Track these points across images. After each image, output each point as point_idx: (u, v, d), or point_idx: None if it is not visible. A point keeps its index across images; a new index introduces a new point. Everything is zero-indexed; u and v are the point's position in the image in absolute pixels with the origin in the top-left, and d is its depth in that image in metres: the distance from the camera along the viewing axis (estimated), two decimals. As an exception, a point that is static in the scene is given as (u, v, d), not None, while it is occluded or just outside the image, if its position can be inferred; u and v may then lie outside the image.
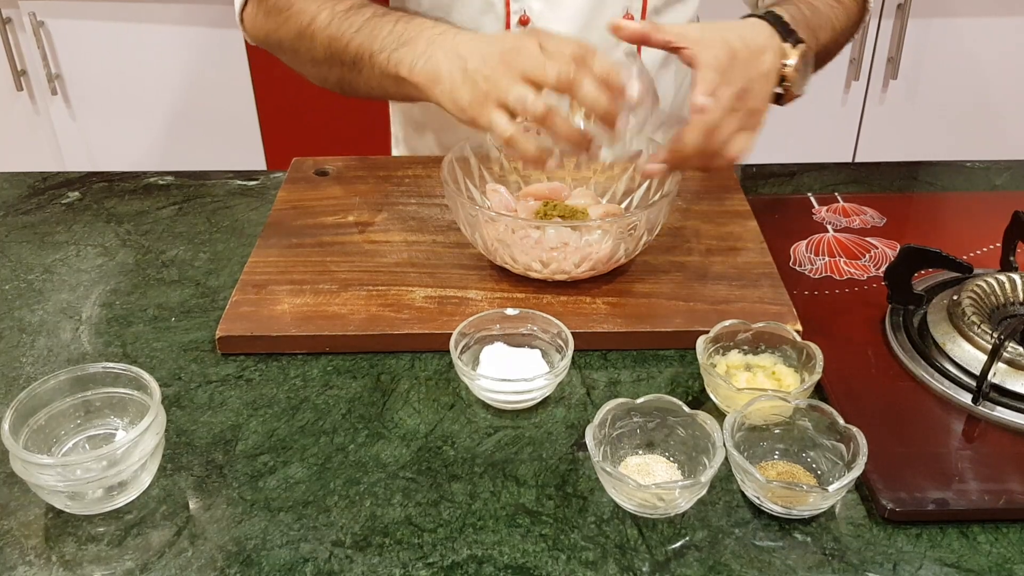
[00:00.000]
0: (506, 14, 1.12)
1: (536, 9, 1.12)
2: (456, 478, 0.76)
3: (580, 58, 0.77)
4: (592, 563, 0.69)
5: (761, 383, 0.82)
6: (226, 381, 0.86)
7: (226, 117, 2.11)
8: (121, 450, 0.71)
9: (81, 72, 2.07)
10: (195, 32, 2.01)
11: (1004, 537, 0.71)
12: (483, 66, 0.79)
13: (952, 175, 1.22)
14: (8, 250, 1.06)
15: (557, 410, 0.83)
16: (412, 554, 0.69)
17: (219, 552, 0.70)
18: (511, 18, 1.12)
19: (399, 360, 0.89)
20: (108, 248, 1.07)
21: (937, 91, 2.13)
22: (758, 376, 0.83)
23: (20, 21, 2.00)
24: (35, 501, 0.74)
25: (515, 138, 0.78)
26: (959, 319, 0.86)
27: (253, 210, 1.14)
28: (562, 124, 0.78)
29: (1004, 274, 0.91)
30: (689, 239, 1.03)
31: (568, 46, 0.78)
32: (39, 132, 2.16)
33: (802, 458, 0.76)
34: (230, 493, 0.75)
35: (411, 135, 1.34)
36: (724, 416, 0.75)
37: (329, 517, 0.73)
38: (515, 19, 1.12)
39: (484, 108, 0.79)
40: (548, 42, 0.79)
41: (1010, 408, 0.80)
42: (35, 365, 0.89)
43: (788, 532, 0.71)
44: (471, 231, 0.94)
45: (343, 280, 0.96)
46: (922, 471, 0.74)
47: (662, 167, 0.81)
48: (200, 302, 0.97)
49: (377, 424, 0.81)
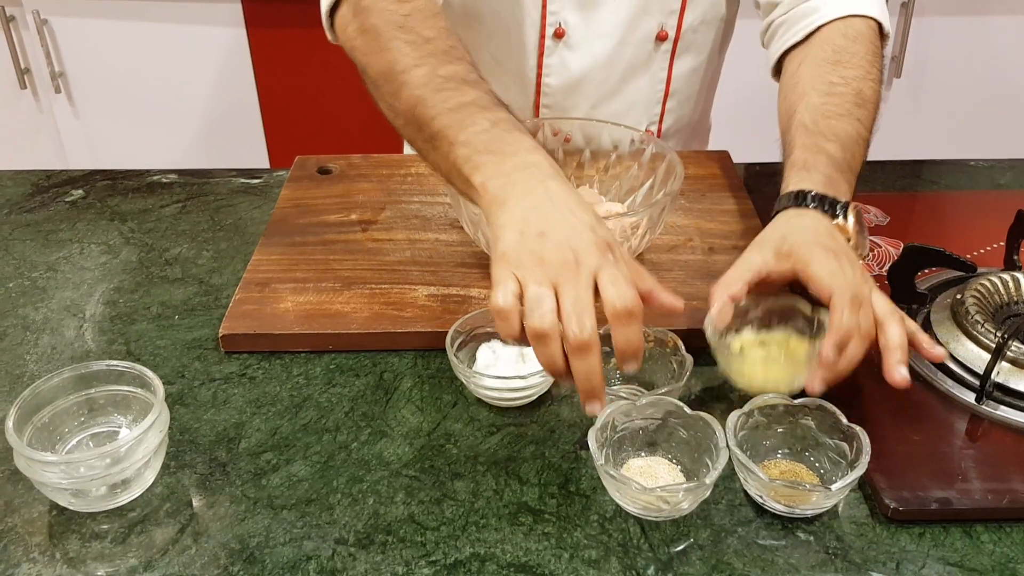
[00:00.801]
0: (542, 26, 1.12)
1: (572, 22, 1.12)
2: (459, 476, 0.76)
3: (623, 314, 0.68)
4: (595, 562, 0.69)
5: (775, 358, 0.79)
6: (229, 379, 0.86)
7: (229, 115, 2.12)
8: (125, 448, 0.71)
9: (85, 70, 2.07)
10: (199, 30, 2.01)
11: (1008, 536, 0.71)
12: (540, 245, 0.69)
13: (956, 174, 1.21)
14: (12, 248, 1.06)
15: (560, 408, 0.83)
16: (415, 552, 0.69)
17: (222, 550, 0.70)
18: (547, 30, 1.12)
19: (402, 358, 0.89)
20: (112, 246, 1.07)
21: (941, 90, 2.12)
22: (772, 351, 0.80)
23: (24, 19, 2.00)
24: (39, 498, 0.74)
25: (501, 311, 0.68)
26: (963, 318, 0.86)
27: (256, 208, 1.14)
28: (554, 352, 0.68)
29: (1008, 273, 0.91)
30: (692, 238, 1.02)
31: (621, 297, 0.67)
32: (43, 130, 2.17)
33: (805, 457, 0.76)
34: (233, 491, 0.75)
35: None
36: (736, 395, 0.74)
37: (332, 515, 0.73)
38: (551, 31, 1.12)
39: (507, 268, 0.69)
40: (608, 276, 0.68)
41: (1014, 407, 0.80)
42: (39, 363, 0.89)
43: (791, 531, 0.71)
44: (474, 229, 0.94)
45: (346, 278, 0.96)
46: (925, 470, 0.74)
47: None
48: (203, 300, 0.97)
49: (380, 422, 0.82)
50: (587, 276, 0.68)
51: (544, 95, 1.17)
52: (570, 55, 1.14)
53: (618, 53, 1.14)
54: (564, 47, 1.13)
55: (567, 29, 1.12)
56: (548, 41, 1.13)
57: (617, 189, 1.06)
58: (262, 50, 2.00)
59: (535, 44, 1.14)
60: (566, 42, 1.13)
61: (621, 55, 1.14)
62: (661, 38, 1.14)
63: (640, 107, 1.19)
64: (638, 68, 1.16)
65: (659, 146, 1.02)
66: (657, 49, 1.15)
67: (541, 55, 1.14)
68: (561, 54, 1.14)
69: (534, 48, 1.14)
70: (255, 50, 2.02)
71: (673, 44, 1.15)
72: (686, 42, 1.16)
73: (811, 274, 0.77)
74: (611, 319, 0.67)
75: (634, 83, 1.17)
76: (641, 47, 1.14)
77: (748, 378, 0.79)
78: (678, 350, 0.82)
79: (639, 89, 1.18)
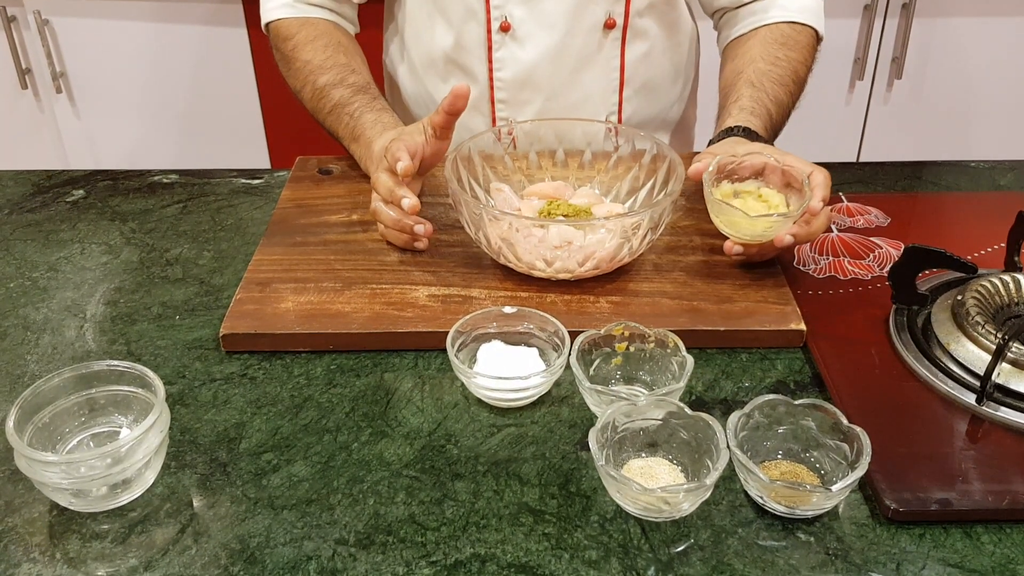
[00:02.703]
0: (487, 21, 1.13)
1: (517, 15, 1.13)
2: (459, 477, 0.76)
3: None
4: (595, 562, 0.69)
5: (752, 206, 0.94)
6: (230, 379, 0.87)
7: (230, 115, 2.12)
8: (125, 448, 0.71)
9: (86, 70, 2.07)
10: (200, 31, 2.01)
11: (1008, 537, 0.71)
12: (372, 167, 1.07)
13: (956, 175, 1.21)
14: (13, 248, 1.07)
15: (560, 409, 0.83)
16: (415, 552, 0.69)
17: (223, 550, 0.70)
18: (492, 24, 1.13)
19: (403, 358, 0.89)
20: (112, 246, 1.07)
21: (942, 91, 2.12)
22: (748, 200, 0.95)
23: (25, 19, 2.00)
24: (39, 498, 0.74)
25: (375, 210, 1.00)
26: (963, 319, 0.86)
27: (257, 208, 1.14)
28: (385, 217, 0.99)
29: (1008, 274, 0.91)
30: (693, 238, 1.02)
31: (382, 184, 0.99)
32: (44, 130, 2.17)
33: (805, 458, 0.76)
34: (234, 491, 0.75)
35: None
36: (736, 394, 0.75)
37: (332, 515, 0.73)
38: (496, 25, 1.13)
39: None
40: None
41: (1014, 408, 0.80)
42: (40, 363, 0.89)
43: (791, 532, 0.71)
44: (475, 230, 0.94)
45: (347, 278, 0.96)
46: (926, 471, 0.74)
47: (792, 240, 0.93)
48: (204, 300, 0.97)
49: (380, 422, 0.82)
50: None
51: (498, 90, 1.18)
52: (518, 49, 1.15)
53: (566, 44, 1.15)
54: (512, 41, 1.14)
55: (512, 23, 1.13)
56: (495, 35, 1.14)
57: (618, 190, 1.06)
58: (263, 50, 1.99)
59: (482, 39, 1.15)
60: (513, 35, 1.14)
61: (570, 46, 1.15)
62: (609, 26, 1.14)
63: (596, 97, 1.20)
64: (589, 58, 1.17)
65: (660, 147, 1.02)
66: (606, 37, 1.16)
67: (490, 50, 1.15)
68: (510, 48, 1.15)
69: (482, 43, 1.15)
70: (256, 50, 2.02)
71: (622, 32, 1.16)
72: (635, 29, 1.17)
73: (789, 161, 0.95)
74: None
75: (587, 73, 1.18)
76: (590, 36, 1.15)
77: (727, 225, 0.93)
78: (679, 351, 0.82)
79: (593, 80, 1.18)
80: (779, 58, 1.13)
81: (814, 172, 0.94)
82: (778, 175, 0.96)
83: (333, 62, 1.14)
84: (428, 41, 1.19)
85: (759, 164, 0.97)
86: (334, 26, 1.19)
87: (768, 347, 0.90)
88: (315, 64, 1.14)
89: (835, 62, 2.06)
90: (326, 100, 1.13)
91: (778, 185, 0.96)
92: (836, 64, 2.07)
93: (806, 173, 0.93)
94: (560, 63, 1.16)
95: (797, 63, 1.14)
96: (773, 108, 1.09)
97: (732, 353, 0.89)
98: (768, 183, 0.97)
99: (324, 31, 1.17)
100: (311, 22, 1.18)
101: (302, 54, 1.15)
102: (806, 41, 1.16)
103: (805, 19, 1.17)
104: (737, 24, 1.19)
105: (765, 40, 1.15)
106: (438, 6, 1.16)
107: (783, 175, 0.96)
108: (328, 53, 1.15)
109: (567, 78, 1.17)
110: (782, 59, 1.13)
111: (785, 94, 1.11)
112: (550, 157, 1.08)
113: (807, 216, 0.92)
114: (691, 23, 1.26)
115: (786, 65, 1.13)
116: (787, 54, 1.14)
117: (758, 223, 0.91)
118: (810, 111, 1.27)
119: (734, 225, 0.93)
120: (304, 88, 1.15)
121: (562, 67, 1.16)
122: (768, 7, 1.17)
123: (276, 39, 1.19)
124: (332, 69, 1.14)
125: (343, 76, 1.13)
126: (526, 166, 1.07)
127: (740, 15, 1.19)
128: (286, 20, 1.18)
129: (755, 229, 0.92)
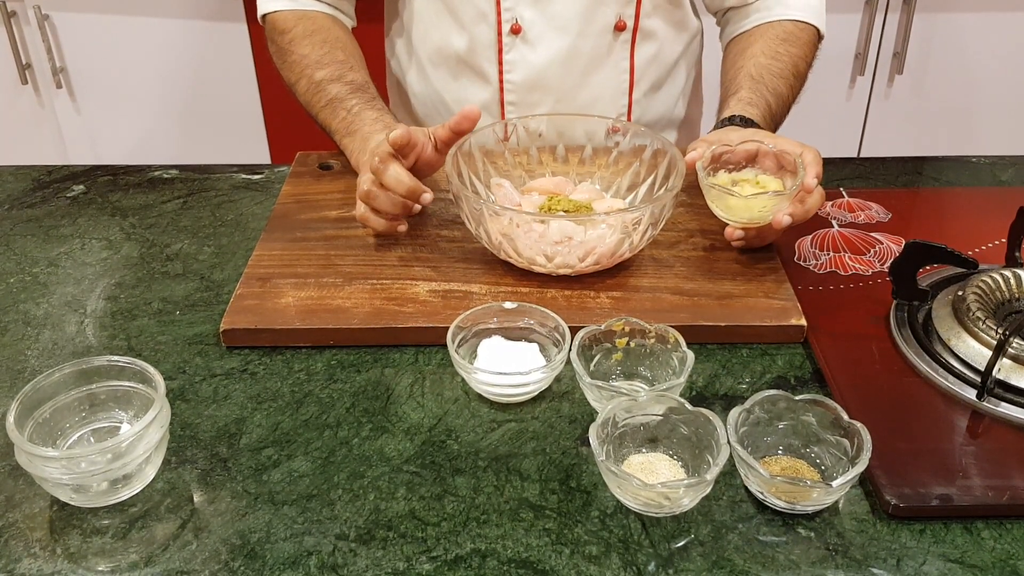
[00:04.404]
0: (498, 23, 1.13)
1: (528, 18, 1.13)
2: (460, 472, 0.76)
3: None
4: (595, 558, 0.69)
5: (745, 192, 0.95)
6: (230, 374, 0.87)
7: (231, 111, 2.11)
8: (126, 443, 0.71)
9: (86, 66, 2.07)
10: (200, 26, 2.01)
11: (1008, 533, 0.71)
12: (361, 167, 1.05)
13: (957, 170, 1.21)
14: (13, 243, 1.06)
15: (561, 404, 0.83)
16: (416, 548, 0.70)
17: (223, 545, 0.70)
18: (503, 27, 1.13)
19: (403, 354, 0.89)
20: (113, 242, 1.07)
21: (943, 86, 2.12)
22: (745, 188, 0.96)
23: (25, 15, 2.00)
24: (40, 494, 0.74)
25: (367, 194, 0.97)
26: (964, 315, 0.86)
27: (257, 204, 1.14)
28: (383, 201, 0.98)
29: (1009, 270, 0.91)
30: (693, 234, 1.02)
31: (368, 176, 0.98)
32: (44, 126, 2.16)
33: (806, 453, 0.76)
34: (234, 486, 0.75)
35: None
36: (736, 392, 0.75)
37: (333, 511, 0.73)
38: (507, 27, 1.13)
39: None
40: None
41: (1015, 404, 0.80)
42: (40, 358, 0.89)
43: (792, 527, 0.71)
44: (475, 225, 0.94)
45: (347, 274, 0.96)
46: (926, 467, 0.74)
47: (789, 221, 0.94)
48: (204, 295, 0.97)
49: (381, 418, 0.82)
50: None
51: (508, 92, 1.18)
52: (529, 51, 1.15)
53: (577, 46, 1.15)
54: (522, 43, 1.14)
55: (523, 25, 1.13)
56: (506, 38, 1.14)
57: (619, 185, 1.06)
58: (264, 46, 1.99)
59: (493, 41, 1.15)
60: (524, 38, 1.14)
61: (581, 48, 1.15)
62: (620, 28, 1.15)
63: (606, 99, 1.20)
64: (599, 60, 1.17)
65: (661, 142, 1.02)
66: (616, 39, 1.16)
67: (500, 52, 1.15)
68: (520, 50, 1.15)
69: (493, 45, 1.15)
70: (257, 46, 2.02)
71: (632, 34, 1.16)
72: (644, 30, 1.17)
73: (781, 144, 0.97)
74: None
75: (597, 75, 1.18)
76: (600, 39, 1.15)
77: (723, 209, 0.95)
78: (679, 346, 0.82)
79: (603, 81, 1.18)
80: (780, 53, 1.15)
81: (805, 151, 0.96)
82: (772, 160, 0.97)
83: (331, 58, 1.14)
84: (437, 40, 1.19)
85: (752, 150, 0.98)
86: (332, 21, 1.19)
87: (769, 343, 0.90)
88: (312, 59, 1.14)
89: (836, 57, 2.06)
90: (322, 94, 1.12)
91: (773, 170, 0.98)
92: (837, 59, 2.07)
93: (797, 153, 0.95)
94: (571, 65, 1.16)
95: (798, 58, 1.15)
96: (772, 100, 1.11)
97: (733, 349, 0.89)
98: (764, 169, 0.98)
99: (322, 26, 1.17)
100: (309, 16, 1.17)
101: (299, 48, 1.15)
102: (807, 38, 1.18)
103: (807, 17, 1.18)
104: (740, 21, 1.21)
105: (767, 36, 1.17)
106: (447, 5, 1.15)
107: (777, 159, 0.97)
108: (326, 49, 1.14)
109: (577, 80, 1.17)
110: (783, 54, 1.15)
111: (785, 87, 1.13)
112: (550, 152, 1.08)
113: (801, 195, 0.93)
114: (696, 21, 1.26)
115: (787, 60, 1.14)
116: (788, 49, 1.15)
117: (753, 203, 0.92)
118: (811, 106, 1.27)
119: (730, 209, 0.94)
120: (299, 81, 1.15)
121: (573, 69, 1.16)
122: (771, 5, 1.18)
123: (272, 31, 1.19)
124: (330, 65, 1.13)
125: (341, 73, 1.13)
126: (527, 161, 1.07)
127: (744, 13, 1.20)
128: (283, 12, 1.18)
129: (751, 210, 0.93)
